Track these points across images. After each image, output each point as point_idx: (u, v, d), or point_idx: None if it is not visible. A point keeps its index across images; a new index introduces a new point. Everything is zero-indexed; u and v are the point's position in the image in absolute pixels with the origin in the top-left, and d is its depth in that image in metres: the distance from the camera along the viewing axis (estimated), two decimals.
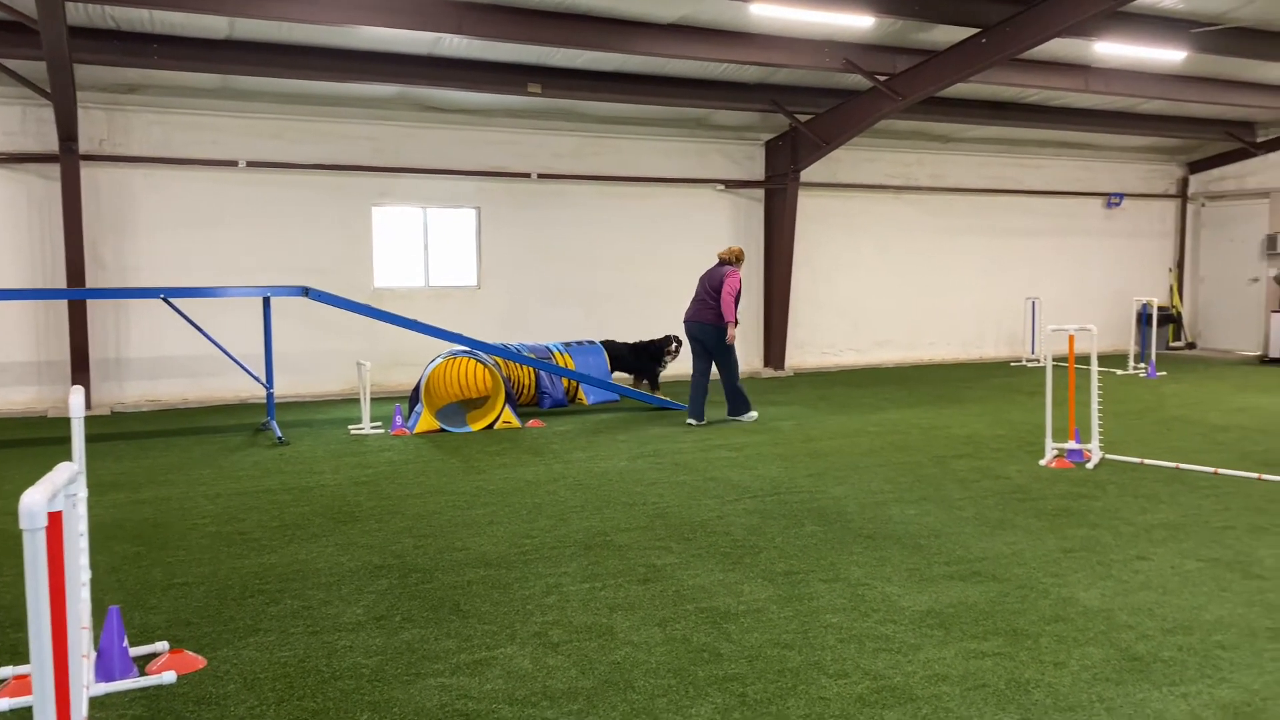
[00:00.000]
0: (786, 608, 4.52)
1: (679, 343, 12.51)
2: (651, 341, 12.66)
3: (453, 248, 14.02)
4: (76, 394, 3.55)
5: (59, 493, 2.10)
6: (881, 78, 12.26)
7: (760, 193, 15.46)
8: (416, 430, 9.90)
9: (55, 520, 2.04)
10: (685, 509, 6.49)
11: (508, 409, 10.29)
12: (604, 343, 12.45)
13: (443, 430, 9.95)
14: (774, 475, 7.57)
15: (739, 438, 9.32)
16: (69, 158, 11.18)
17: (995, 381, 13.87)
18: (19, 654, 4.03)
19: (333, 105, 12.79)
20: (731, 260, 10.18)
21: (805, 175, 15.07)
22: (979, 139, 16.79)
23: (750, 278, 15.55)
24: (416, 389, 10.44)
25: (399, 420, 10.09)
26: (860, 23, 10.72)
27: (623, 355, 12.51)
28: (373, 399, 10.64)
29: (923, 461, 8.08)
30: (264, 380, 10.08)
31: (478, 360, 10.56)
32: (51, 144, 11.39)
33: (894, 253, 16.60)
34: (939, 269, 16.98)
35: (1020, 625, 4.29)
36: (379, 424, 10.25)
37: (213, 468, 8.13)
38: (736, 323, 9.98)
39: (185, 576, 5.09)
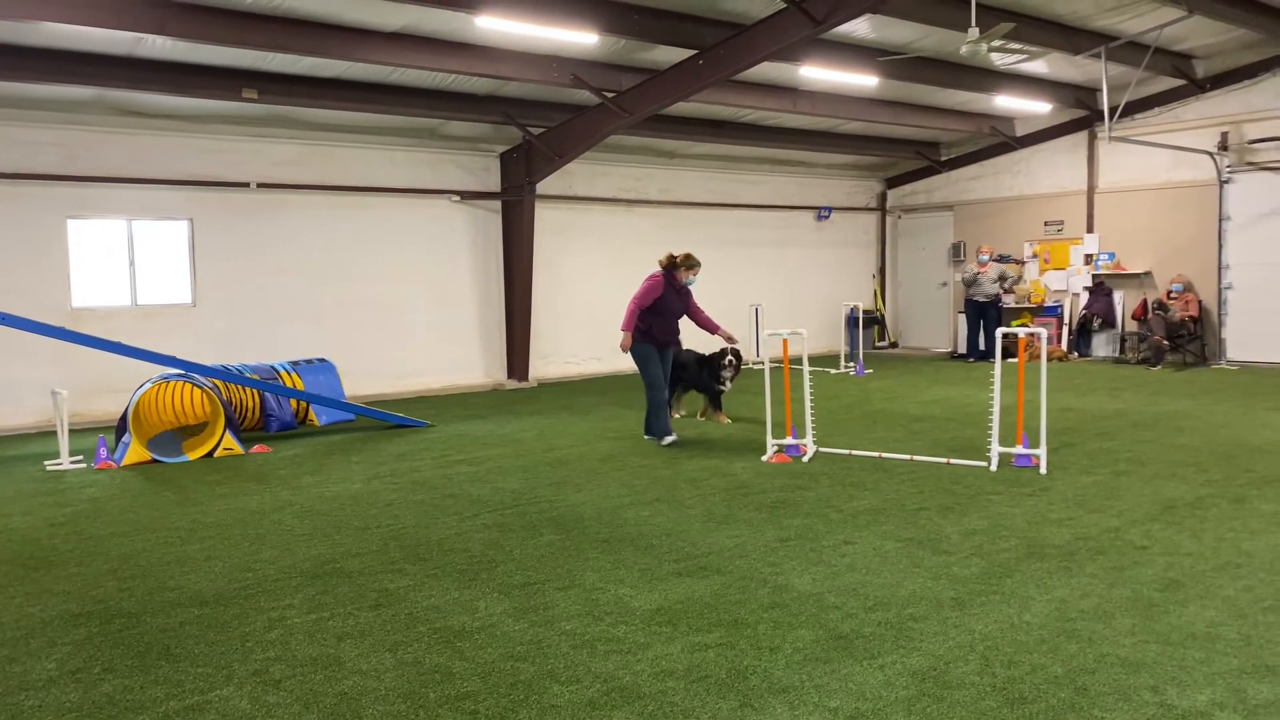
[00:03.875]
0: (522, 620, 4.54)
1: (735, 356, 10.40)
2: (713, 355, 10.64)
3: (164, 263, 12.98)
4: None
5: None
6: (609, 94, 12.62)
7: (498, 204, 15.46)
8: (124, 462, 9.09)
9: None
10: (422, 529, 6.37)
11: (229, 435, 9.66)
12: (725, 350, 10.39)
13: (155, 461, 9.20)
14: (514, 487, 7.58)
15: (480, 451, 9.26)
16: None
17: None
18: None
19: (15, 107, 11.51)
20: (662, 265, 9.56)
21: (541, 188, 15.22)
22: (702, 155, 17.65)
23: (491, 290, 15.51)
24: (124, 417, 9.58)
25: (103, 453, 9.21)
26: (584, 40, 10.97)
27: (688, 365, 10.64)
28: (72, 430, 9.66)
29: (657, 464, 8.36)
30: None
31: (193, 384, 9.84)
32: None
33: (630, 263, 16.99)
34: None
35: (741, 615, 4.54)
36: (80, 458, 9.31)
37: None
38: (629, 330, 9.39)
39: None
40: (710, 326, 9.72)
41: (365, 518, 6.72)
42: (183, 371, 9.75)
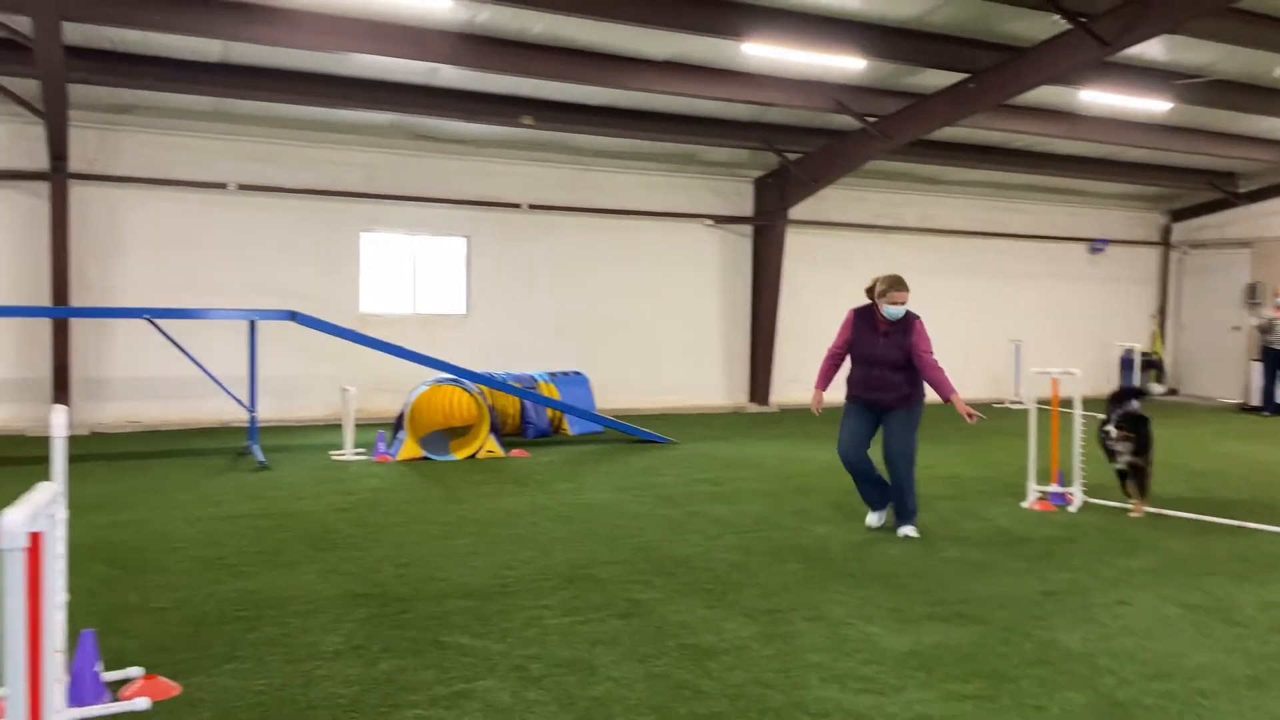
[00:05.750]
0: (769, 646, 4.50)
1: (1128, 421, 7.65)
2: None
3: (442, 275, 14.02)
4: (59, 413, 3.52)
5: (40, 513, 2.07)
6: (871, 119, 12.40)
7: (749, 229, 15.55)
8: (399, 457, 9.85)
9: (36, 541, 2.02)
10: (668, 544, 6.46)
11: (491, 438, 10.25)
12: (1127, 390, 8.22)
13: (426, 458, 9.90)
14: (757, 511, 7.55)
15: (722, 472, 9.30)
16: (58, 176, 11.15)
17: (978, 423, 13.90)
18: None
19: (326, 131, 12.82)
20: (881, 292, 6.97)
21: (793, 213, 15.18)
22: (966, 182, 16.97)
23: (738, 314, 15.62)
24: (400, 416, 10.40)
25: (382, 447, 10.03)
26: (852, 65, 10.85)
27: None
28: (356, 425, 10.61)
29: None
30: (247, 404, 10.01)
31: (463, 388, 10.52)
32: (41, 162, 11.35)
33: None
34: (923, 309, 16.89)
35: (1002, 668, 4.28)
36: (362, 450, 10.18)
37: (192, 491, 8.05)
38: (819, 386, 7.14)
39: (161, 601, 5.03)
40: (937, 385, 6.75)
41: (614, 528, 6.91)
42: (454, 376, 10.44)
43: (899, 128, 12.31)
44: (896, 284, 6.90)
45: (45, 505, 2.09)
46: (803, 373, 16.16)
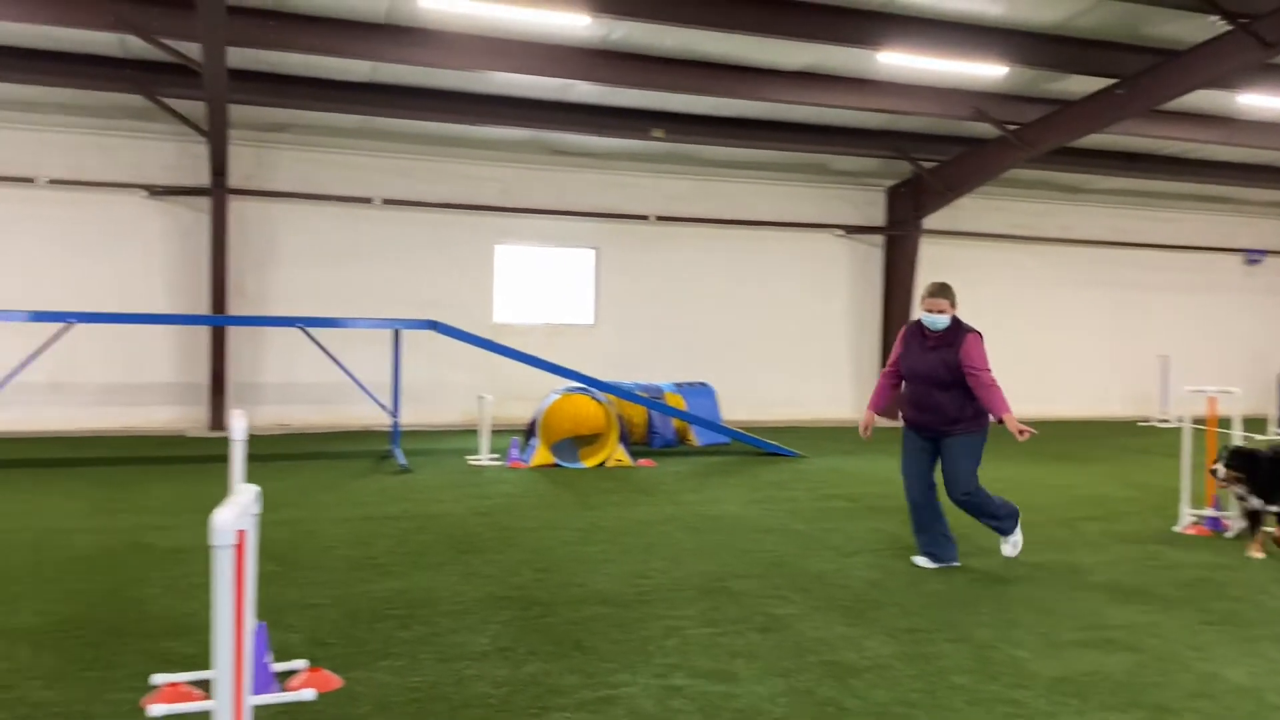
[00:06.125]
0: (911, 666, 4.43)
1: None
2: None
3: (570, 286, 14.30)
4: (238, 417, 3.75)
5: (244, 512, 2.23)
6: (1011, 127, 12.08)
7: (880, 239, 15.33)
8: (532, 463, 10.08)
9: (241, 538, 2.18)
10: (802, 559, 6.42)
11: (620, 447, 10.39)
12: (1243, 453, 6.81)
13: (557, 465, 10.10)
14: (893, 530, 7.43)
15: (855, 488, 9.19)
16: (218, 192, 11.87)
17: (1123, 441, 13.35)
18: (170, 662, 4.24)
19: (464, 147, 13.26)
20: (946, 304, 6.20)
21: (927, 223, 14.88)
22: (1110, 190, 16.32)
23: (867, 325, 15.40)
24: (533, 423, 10.64)
25: (515, 453, 10.28)
26: (993, 72, 10.60)
27: (1260, 465, 6.64)
28: (490, 431, 10.93)
29: (1048, 522, 7.81)
30: (390, 409, 10.42)
31: (592, 397, 10.70)
32: (203, 178, 12.10)
33: (1014, 303, 16.19)
34: (1062, 322, 16.49)
35: (1162, 699, 4.10)
36: (496, 455, 10.46)
37: (340, 492, 8.43)
38: (872, 407, 6.52)
39: (319, 598, 5.28)
40: (989, 404, 6.00)
41: (747, 540, 6.91)
42: (584, 385, 10.63)
43: (1041, 135, 11.95)
44: (935, 291, 6.22)
45: (248, 505, 2.25)
46: None
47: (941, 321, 6.12)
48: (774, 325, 14.79)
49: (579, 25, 9.61)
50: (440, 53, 9.92)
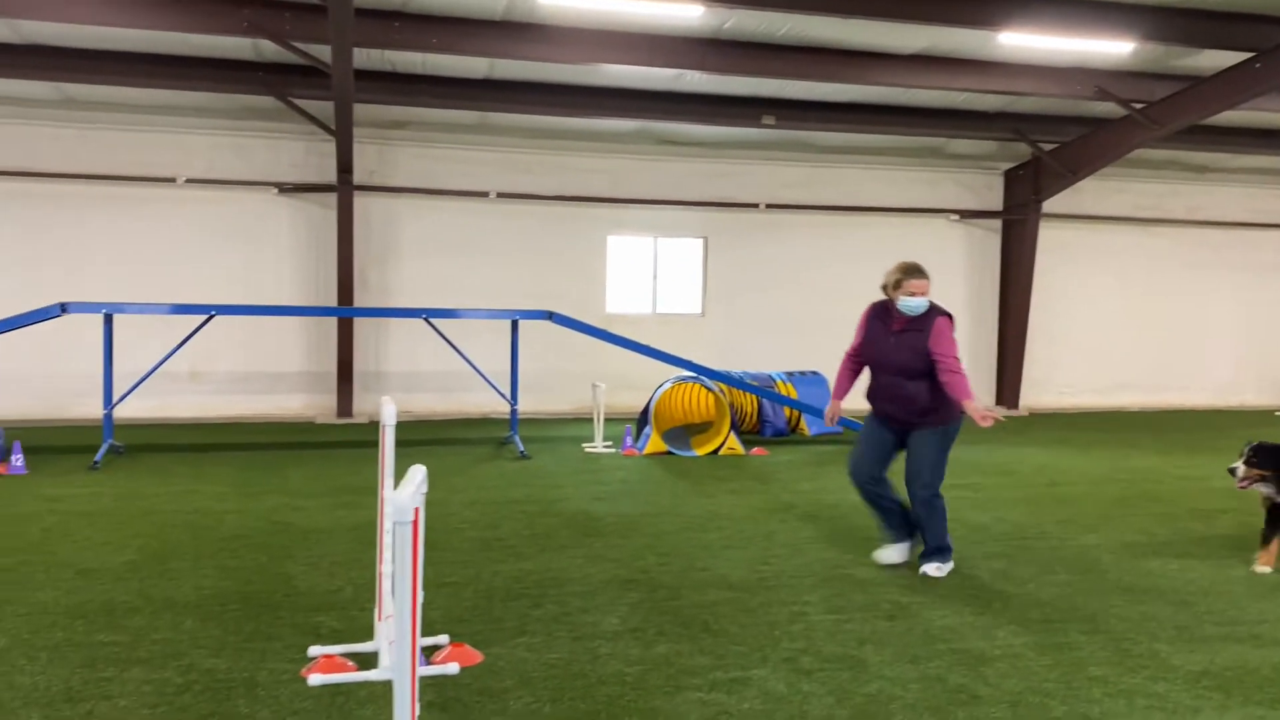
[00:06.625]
0: (1045, 656, 4.38)
1: None
2: None
3: (679, 276, 14.39)
4: (388, 404, 3.95)
5: (417, 491, 2.39)
6: (1137, 105, 11.64)
7: (997, 224, 14.96)
8: (645, 451, 10.21)
9: (416, 514, 2.33)
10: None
11: (732, 436, 10.43)
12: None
13: (669, 453, 10.21)
14: (1017, 519, 7.31)
15: (975, 478, 9.04)
16: (344, 188, 12.33)
17: (1260, 432, 12.73)
18: (321, 635, 4.50)
19: (576, 139, 13.46)
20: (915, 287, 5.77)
21: (1047, 206, 14.46)
22: (1243, 169, 15.57)
23: (984, 312, 15.06)
24: (645, 411, 10.77)
25: (629, 440, 10.44)
26: (1117, 49, 10.24)
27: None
28: (603, 419, 11.13)
29: (1180, 514, 7.57)
30: (508, 397, 10.69)
31: (704, 386, 10.77)
32: (329, 175, 12.60)
33: (1140, 289, 15.60)
34: (1191, 308, 15.82)
35: None
36: (610, 443, 10.64)
37: (465, 476, 8.72)
38: (835, 395, 6.08)
39: (454, 577, 5.51)
40: (952, 390, 5.50)
41: (866, 529, 6.88)
42: (695, 374, 10.71)
43: (1170, 113, 11.49)
44: (911, 271, 5.71)
45: (419, 484, 2.40)
46: (1052, 374, 15.38)
47: (920, 305, 5.66)
48: None
49: (692, 16, 9.66)
50: (555, 47, 10.10)
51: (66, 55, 10.77)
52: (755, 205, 14.23)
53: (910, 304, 5.65)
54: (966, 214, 14.82)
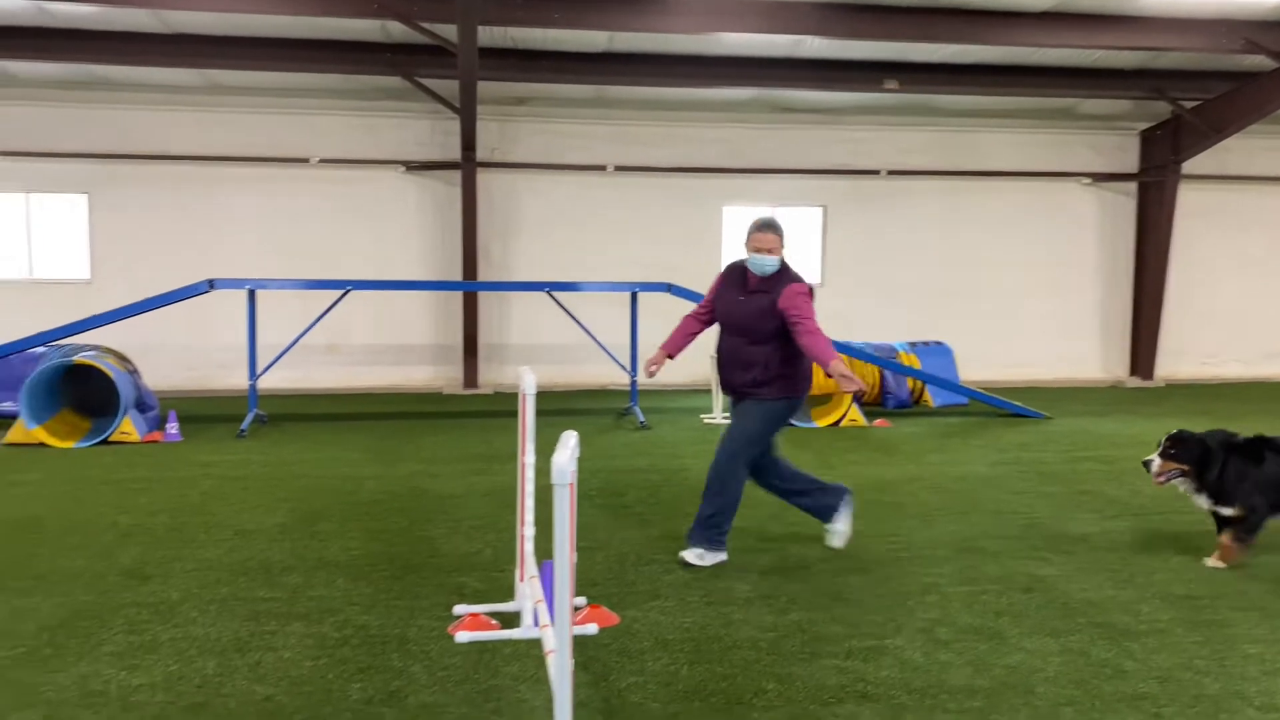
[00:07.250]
0: (1194, 632, 4.25)
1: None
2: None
3: (795, 245, 14.24)
4: (528, 374, 4.07)
5: (573, 455, 2.48)
6: None
7: (1132, 187, 14.32)
8: None
9: (573, 478, 2.43)
10: (1059, 521, 6.23)
11: (854, 407, 10.33)
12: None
13: (790, 424, 10.15)
14: (1157, 493, 7.04)
15: (1109, 450, 8.75)
16: (468, 165, 12.62)
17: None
18: (464, 595, 4.69)
19: (690, 110, 13.44)
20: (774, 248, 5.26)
21: (1187, 167, 13.76)
22: None
23: (1118, 280, 14.48)
24: None
25: None
26: None
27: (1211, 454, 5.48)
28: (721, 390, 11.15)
29: None
30: (628, 368, 10.83)
31: None
32: (453, 153, 12.91)
33: None
34: None
35: None
36: (728, 414, 10.63)
37: (589, 446, 8.89)
38: (667, 348, 5.74)
39: (586, 541, 5.65)
40: (812, 352, 5.05)
41: (997, 502, 6.76)
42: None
43: None
44: (761, 226, 5.23)
45: (574, 449, 2.50)
46: (1192, 344, 14.69)
47: (770, 264, 5.21)
48: (1014, 281, 14.15)
49: None
50: (674, 18, 10.09)
51: (209, 43, 11.31)
52: (876, 172, 13.96)
53: (758, 261, 5.22)
54: (1100, 177, 14.21)
